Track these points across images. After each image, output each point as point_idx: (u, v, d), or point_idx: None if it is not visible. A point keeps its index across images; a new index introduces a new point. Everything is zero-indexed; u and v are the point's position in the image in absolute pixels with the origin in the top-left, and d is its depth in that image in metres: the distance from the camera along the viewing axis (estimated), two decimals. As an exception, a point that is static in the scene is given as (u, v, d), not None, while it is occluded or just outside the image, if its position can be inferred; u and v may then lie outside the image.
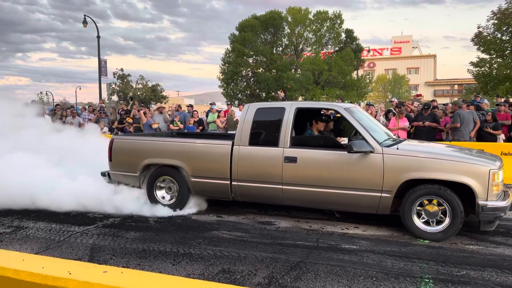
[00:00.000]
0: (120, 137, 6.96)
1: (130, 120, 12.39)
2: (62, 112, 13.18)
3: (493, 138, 9.64)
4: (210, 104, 14.61)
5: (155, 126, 11.59)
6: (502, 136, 9.73)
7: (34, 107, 9.84)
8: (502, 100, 13.52)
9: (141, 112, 12.21)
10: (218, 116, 12.65)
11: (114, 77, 39.32)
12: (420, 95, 37.89)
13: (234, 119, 11.88)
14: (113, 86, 38.23)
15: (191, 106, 14.15)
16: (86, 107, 16.15)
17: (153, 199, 6.20)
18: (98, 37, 24.61)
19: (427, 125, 9.78)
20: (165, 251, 4.48)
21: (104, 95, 27.24)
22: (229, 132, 10.96)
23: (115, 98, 38.74)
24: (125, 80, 40.26)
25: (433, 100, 12.70)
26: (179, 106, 14.34)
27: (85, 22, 24.20)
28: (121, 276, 1.92)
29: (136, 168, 6.23)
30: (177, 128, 11.74)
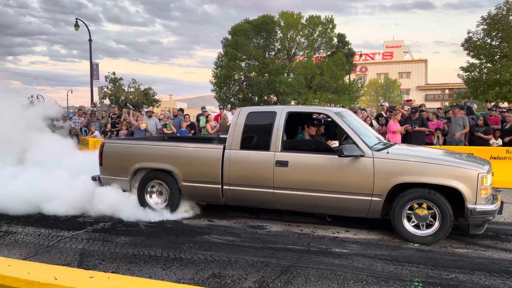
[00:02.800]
0: (111, 141, 6.92)
1: (131, 123, 12.32)
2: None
3: (485, 143, 9.73)
4: (201, 108, 14.59)
5: (143, 126, 11.57)
6: (499, 141, 9.79)
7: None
8: (492, 104, 13.70)
9: (131, 117, 12.17)
10: (207, 121, 12.61)
11: (106, 80, 39.11)
12: (411, 100, 38.24)
13: (228, 124, 11.87)
14: (105, 89, 38.01)
15: (181, 110, 14.11)
16: (77, 110, 16.03)
17: (144, 204, 6.16)
18: (90, 40, 24.48)
19: (416, 129, 9.86)
20: (156, 256, 4.45)
21: (96, 98, 27.06)
22: (221, 136, 10.95)
23: (107, 101, 38.54)
24: (117, 83, 40.09)
25: (422, 105, 12.83)
26: (178, 110, 14.25)
27: (77, 26, 24.05)
28: (108, 281, 1.91)
29: (127, 172, 6.20)
30: (170, 131, 11.70)
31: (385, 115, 11.72)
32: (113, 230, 5.45)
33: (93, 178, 6.56)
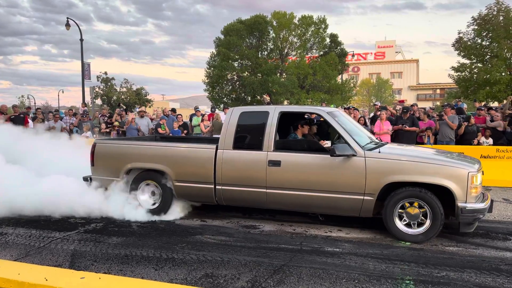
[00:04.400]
0: (102, 141, 6.87)
1: (117, 124, 12.25)
2: (43, 116, 12.96)
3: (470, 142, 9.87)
4: (194, 108, 14.55)
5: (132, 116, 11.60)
6: (489, 141, 9.91)
7: None
8: (482, 104, 13.88)
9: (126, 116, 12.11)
10: (202, 120, 12.61)
11: (98, 80, 38.85)
12: (403, 100, 38.47)
13: (220, 123, 11.86)
14: (97, 89, 37.76)
15: (173, 110, 14.07)
16: (68, 110, 15.89)
17: (136, 204, 6.13)
18: (81, 40, 24.31)
19: (406, 129, 9.92)
20: (148, 256, 4.44)
21: (88, 98, 26.91)
22: (214, 135, 10.94)
23: (99, 101, 38.28)
24: (109, 83, 39.81)
25: (414, 104, 12.91)
26: (169, 110, 14.21)
27: (68, 25, 23.87)
28: (99, 282, 1.90)
29: (119, 173, 6.17)
30: (164, 132, 11.67)
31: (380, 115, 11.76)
32: (105, 231, 5.42)
33: (85, 179, 6.51)
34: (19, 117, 12.37)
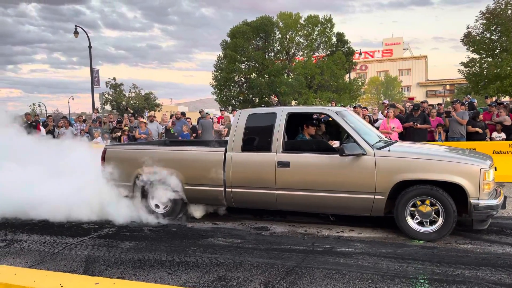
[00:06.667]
0: (112, 146, 6.93)
1: (127, 128, 12.34)
2: (54, 123, 13.12)
3: (481, 137, 9.75)
4: (199, 111, 14.62)
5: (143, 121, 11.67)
6: (502, 135, 9.80)
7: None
8: (494, 99, 13.71)
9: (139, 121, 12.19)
10: (213, 122, 12.66)
11: (107, 86, 39.26)
12: (413, 98, 38.17)
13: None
14: (106, 95, 38.15)
15: (183, 114, 14.12)
16: (77, 117, 16.05)
17: (147, 208, 6.18)
18: (90, 47, 24.57)
19: (417, 127, 9.83)
20: (161, 260, 4.46)
21: (97, 105, 27.13)
22: (225, 138, 10.95)
23: (108, 107, 38.66)
24: (118, 89, 40.20)
25: (424, 101, 12.77)
26: (180, 113, 14.26)
27: (76, 33, 24.16)
28: (113, 287, 1.92)
29: (129, 177, 6.21)
30: (174, 134, 11.74)
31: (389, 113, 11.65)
32: (117, 236, 5.47)
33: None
34: (31, 124, 12.56)
